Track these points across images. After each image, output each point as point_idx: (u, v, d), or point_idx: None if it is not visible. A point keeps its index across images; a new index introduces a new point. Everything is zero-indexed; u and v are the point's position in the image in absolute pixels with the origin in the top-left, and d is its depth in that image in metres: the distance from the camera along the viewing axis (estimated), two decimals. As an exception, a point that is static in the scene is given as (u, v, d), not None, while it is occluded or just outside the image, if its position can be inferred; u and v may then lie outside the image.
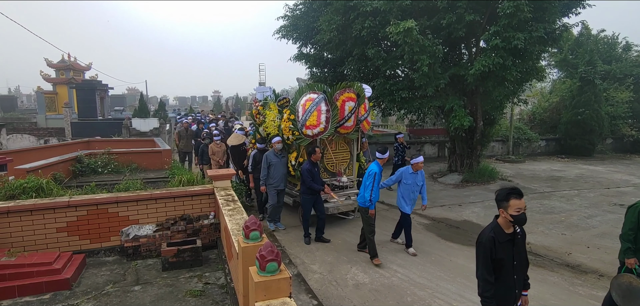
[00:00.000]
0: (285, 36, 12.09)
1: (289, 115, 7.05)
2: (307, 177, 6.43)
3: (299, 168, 7.03)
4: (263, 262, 2.81)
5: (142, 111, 20.64)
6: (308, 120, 6.74)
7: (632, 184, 11.81)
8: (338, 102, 6.94)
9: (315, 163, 6.62)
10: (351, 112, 6.99)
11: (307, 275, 5.63)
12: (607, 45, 20.62)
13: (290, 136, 7.02)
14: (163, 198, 6.16)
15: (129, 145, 13.40)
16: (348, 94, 7.00)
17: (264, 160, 7.12)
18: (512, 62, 8.55)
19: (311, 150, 6.57)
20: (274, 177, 7.12)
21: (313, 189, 6.49)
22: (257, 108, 8.33)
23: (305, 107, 6.82)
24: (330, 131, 6.91)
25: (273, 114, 7.60)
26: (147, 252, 5.90)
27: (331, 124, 6.87)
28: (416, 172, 6.22)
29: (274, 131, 7.51)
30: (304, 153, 7.12)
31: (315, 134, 6.82)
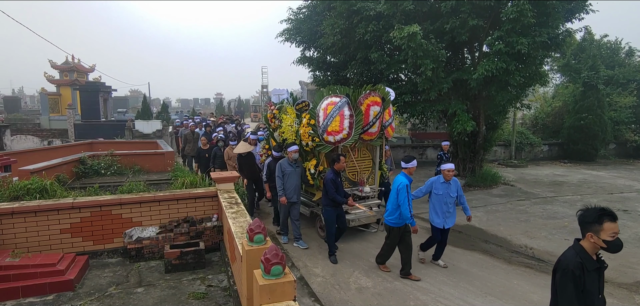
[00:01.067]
0: (288, 39, 12.14)
1: (309, 120, 6.55)
2: (331, 188, 5.89)
3: (319, 177, 6.68)
4: (268, 265, 2.82)
5: (145, 113, 20.71)
6: (330, 125, 6.26)
7: (635, 189, 11.77)
8: (362, 107, 6.45)
9: (338, 172, 6.12)
10: (376, 117, 6.53)
11: (310, 279, 5.63)
12: (610, 51, 20.61)
13: (310, 142, 6.55)
14: (166, 200, 6.17)
15: (131, 147, 13.45)
16: (373, 98, 6.51)
17: (277, 169, 6.64)
18: (515, 67, 8.56)
19: (335, 158, 6.05)
20: (287, 188, 6.61)
21: (336, 201, 5.95)
22: (272, 112, 7.76)
23: (326, 111, 6.32)
24: (354, 138, 6.42)
25: (290, 118, 7.09)
26: (150, 254, 5.91)
27: (355, 130, 6.39)
28: (448, 181, 5.65)
29: (291, 136, 7.02)
30: (324, 161, 6.70)
31: (338, 141, 6.36)
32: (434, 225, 5.78)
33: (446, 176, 5.61)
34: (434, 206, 5.75)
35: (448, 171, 5.61)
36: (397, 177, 5.39)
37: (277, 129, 7.64)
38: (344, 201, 5.98)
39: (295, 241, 6.88)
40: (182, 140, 12.58)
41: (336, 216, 6.14)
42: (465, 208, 5.83)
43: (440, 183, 5.68)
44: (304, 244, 6.78)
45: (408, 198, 5.19)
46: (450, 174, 5.61)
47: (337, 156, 6.05)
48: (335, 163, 6.02)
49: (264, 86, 31.38)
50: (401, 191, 5.20)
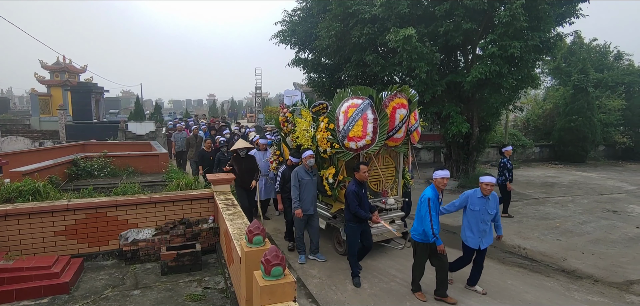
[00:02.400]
0: (283, 41, 12.15)
1: (327, 124, 5.92)
2: (353, 201, 5.19)
3: (337, 187, 6.06)
4: (268, 266, 2.84)
5: (138, 114, 20.56)
6: (351, 130, 5.60)
7: (624, 191, 11.99)
8: (388, 110, 5.81)
9: (362, 183, 5.39)
10: (402, 121, 5.93)
11: (307, 280, 5.65)
12: (599, 54, 20.98)
13: (328, 148, 5.90)
14: (162, 202, 6.15)
15: (125, 148, 13.36)
16: (399, 100, 5.88)
17: (293, 178, 5.97)
18: (508, 69, 8.69)
19: (355, 167, 5.37)
20: (304, 199, 5.97)
21: (359, 216, 5.22)
22: (284, 115, 7.06)
23: (347, 114, 5.66)
24: (379, 144, 5.75)
25: (305, 122, 6.43)
26: (146, 256, 5.88)
27: (379, 135, 5.71)
28: (487, 196, 4.90)
29: (307, 142, 6.36)
30: (343, 170, 6.04)
31: (360, 148, 5.66)
32: (468, 245, 5.05)
33: (485, 190, 4.85)
34: (469, 223, 5.02)
35: (486, 184, 4.84)
36: (425, 189, 4.86)
37: (289, 134, 7.06)
38: (368, 216, 5.24)
39: (312, 254, 6.33)
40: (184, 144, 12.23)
41: (360, 232, 5.46)
42: (498, 225, 5.18)
43: (478, 197, 4.93)
44: (322, 257, 6.28)
45: (431, 212, 4.63)
46: (490, 188, 4.85)
47: (356, 165, 5.34)
48: (356, 172, 5.31)
49: (257, 87, 31.34)
50: (423, 204, 4.71)
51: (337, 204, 6.35)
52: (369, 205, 5.48)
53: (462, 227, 5.17)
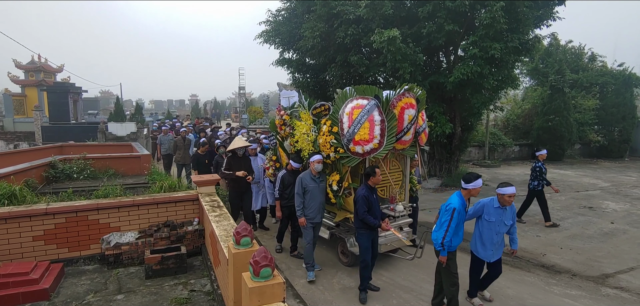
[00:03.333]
0: (267, 41, 12.10)
1: (330, 127, 5.52)
2: (362, 206, 4.83)
3: (342, 194, 5.66)
4: (257, 268, 2.84)
5: (119, 114, 20.09)
6: (357, 133, 5.21)
7: (599, 187, 12.42)
8: (396, 110, 5.42)
9: (373, 188, 5.05)
10: (411, 122, 5.56)
11: (294, 280, 5.66)
12: (575, 55, 21.67)
13: (332, 153, 5.47)
14: (146, 205, 6.05)
15: (105, 150, 13.05)
16: (408, 100, 5.50)
17: (298, 184, 5.58)
18: (489, 70, 8.89)
19: (369, 171, 4.98)
20: (310, 207, 5.55)
21: (368, 223, 4.88)
22: (281, 118, 6.55)
23: (352, 116, 5.28)
24: (388, 147, 5.37)
25: (305, 125, 5.95)
26: (129, 260, 5.76)
27: (387, 138, 5.33)
28: (504, 207, 4.56)
29: (307, 147, 5.92)
30: (348, 176, 5.65)
31: (367, 152, 5.27)
32: (478, 256, 4.75)
33: (506, 201, 4.48)
34: (481, 234, 4.67)
35: (509, 196, 4.47)
36: (452, 196, 4.46)
37: (287, 137, 6.57)
38: (377, 224, 4.91)
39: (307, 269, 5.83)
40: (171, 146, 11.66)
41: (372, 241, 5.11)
42: (513, 238, 4.83)
43: (494, 208, 4.57)
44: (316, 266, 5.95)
45: (450, 224, 4.27)
46: (511, 200, 4.51)
47: (371, 169, 4.97)
48: (370, 177, 4.95)
49: (241, 87, 31.08)
50: (446, 213, 4.34)
51: (341, 212, 5.96)
52: (379, 212, 5.10)
53: (473, 237, 4.82)
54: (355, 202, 4.98)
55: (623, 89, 19.42)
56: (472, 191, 4.40)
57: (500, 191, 4.52)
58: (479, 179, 4.39)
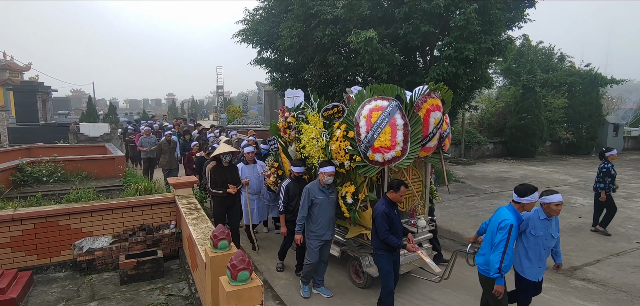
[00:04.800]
0: (245, 40, 11.99)
1: (345, 131, 4.89)
2: (383, 225, 4.19)
3: (357, 208, 5.01)
4: (234, 271, 2.82)
5: (91, 114, 19.45)
6: (377, 139, 4.61)
7: (568, 183, 12.94)
8: (421, 113, 4.79)
9: (395, 203, 4.40)
10: (437, 126, 4.96)
11: (274, 281, 5.64)
12: (545, 56, 22.48)
13: (347, 162, 4.86)
14: (120, 208, 5.90)
15: (77, 152, 12.63)
16: (433, 102, 4.88)
17: (305, 195, 4.92)
18: (463, 71, 9.10)
19: (392, 185, 4.31)
20: (318, 221, 4.90)
21: (390, 244, 4.24)
22: (286, 120, 5.82)
23: (370, 120, 4.68)
24: (412, 156, 4.73)
25: (315, 129, 5.23)
26: (103, 266, 5.61)
27: (411, 144, 4.72)
28: (550, 218, 3.93)
29: (317, 153, 5.23)
30: (364, 188, 4.96)
31: (388, 160, 4.65)
32: (526, 277, 4.02)
33: (553, 210, 3.84)
34: (527, 251, 3.98)
35: (557, 205, 3.82)
36: (502, 210, 3.83)
37: (292, 142, 5.87)
38: (400, 244, 4.25)
39: (316, 287, 5.30)
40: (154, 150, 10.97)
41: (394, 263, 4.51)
42: (557, 251, 4.24)
43: (540, 219, 3.93)
44: (328, 292, 5.25)
45: (508, 243, 3.63)
46: (560, 209, 3.88)
47: (396, 183, 4.27)
48: (391, 191, 4.29)
49: (219, 86, 30.65)
50: (502, 231, 3.66)
51: (355, 228, 5.25)
52: (402, 229, 4.52)
53: (517, 256, 4.12)
54: (374, 219, 4.30)
55: (590, 89, 20.28)
56: (526, 207, 3.76)
57: (546, 199, 3.82)
58: (534, 192, 3.72)
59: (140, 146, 11.48)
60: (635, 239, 7.46)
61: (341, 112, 5.04)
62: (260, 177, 6.82)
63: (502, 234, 3.65)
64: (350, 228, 5.34)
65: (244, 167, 6.75)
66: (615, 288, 5.53)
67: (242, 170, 6.63)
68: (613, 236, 7.64)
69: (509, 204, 3.85)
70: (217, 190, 5.84)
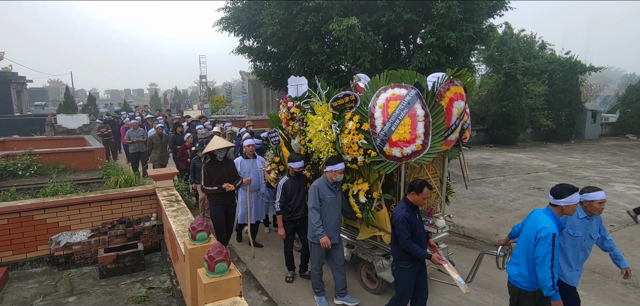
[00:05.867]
0: (226, 28, 11.76)
1: (358, 123, 4.43)
2: (404, 232, 3.70)
3: (370, 207, 4.55)
4: (212, 263, 2.79)
5: (69, 106, 18.89)
6: (395, 132, 4.17)
7: (547, 169, 13.25)
8: (443, 102, 4.32)
9: (416, 206, 3.87)
10: (460, 117, 4.50)
11: (257, 271, 5.63)
12: (527, 44, 22.82)
13: (360, 157, 4.40)
14: (98, 201, 5.78)
15: (54, 144, 12.28)
16: (456, 90, 4.41)
17: (313, 195, 4.44)
18: (445, 59, 9.16)
19: (414, 186, 3.78)
20: (325, 223, 4.48)
21: (413, 254, 3.72)
22: (288, 111, 5.24)
23: (387, 110, 4.24)
24: (435, 150, 4.23)
25: (323, 121, 4.70)
26: (82, 260, 5.51)
27: (432, 138, 4.23)
28: (591, 217, 3.51)
29: (325, 148, 4.69)
30: (377, 186, 4.50)
31: (408, 155, 4.18)
32: (564, 282, 3.55)
33: (596, 209, 3.43)
34: (565, 252, 3.57)
35: (600, 202, 3.41)
36: (539, 215, 3.37)
37: (296, 135, 5.37)
38: (425, 255, 3.73)
39: (340, 296, 4.73)
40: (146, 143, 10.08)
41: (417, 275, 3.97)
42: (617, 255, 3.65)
43: (579, 218, 3.54)
44: (353, 300, 4.70)
45: (554, 254, 3.20)
46: (602, 207, 3.47)
47: (419, 184, 3.76)
48: (413, 193, 3.78)
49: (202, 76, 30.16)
50: (543, 241, 3.21)
51: (368, 229, 4.80)
52: (425, 235, 4.02)
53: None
54: (394, 226, 3.81)
55: (570, 76, 20.71)
56: (565, 209, 3.28)
57: (588, 197, 3.43)
58: (574, 192, 3.24)
59: (128, 140, 10.75)
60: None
61: (354, 102, 4.56)
62: (259, 173, 6.35)
63: (545, 246, 3.20)
64: (362, 228, 4.91)
65: (243, 161, 6.25)
66: (589, 269, 5.71)
67: (241, 165, 6.17)
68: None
69: (547, 208, 3.38)
70: (212, 187, 5.34)
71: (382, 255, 4.88)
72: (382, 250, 4.90)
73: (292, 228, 5.16)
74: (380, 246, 4.91)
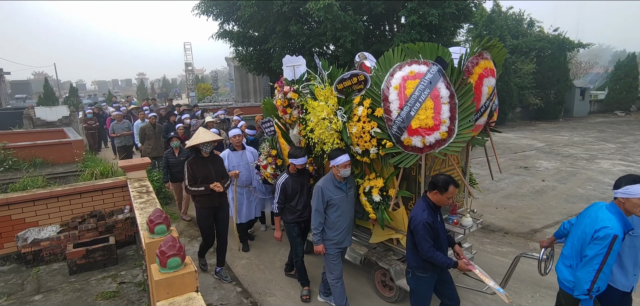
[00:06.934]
0: (204, 12, 11.33)
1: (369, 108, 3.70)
2: (426, 240, 3.13)
3: (386, 206, 3.89)
4: (164, 258, 2.62)
5: (49, 98, 18.39)
6: (415, 117, 3.45)
7: (534, 148, 13.21)
8: (472, 79, 3.60)
9: (438, 207, 3.27)
10: (490, 97, 3.81)
11: (234, 262, 5.49)
12: (515, 21, 22.60)
13: (373, 148, 3.72)
14: (67, 195, 5.56)
15: (32, 138, 11.93)
16: (486, 64, 3.70)
17: (317, 197, 3.82)
18: (428, 38, 8.95)
19: (437, 184, 3.15)
20: (338, 227, 3.89)
21: (437, 263, 3.16)
22: (285, 96, 4.46)
23: (404, 91, 3.52)
24: (463, 138, 3.45)
25: (327, 107, 3.92)
26: (51, 256, 5.32)
27: (459, 122, 3.49)
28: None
29: (330, 138, 3.94)
30: (394, 182, 3.85)
31: (430, 145, 3.46)
32: (615, 287, 3.02)
33: None
34: (621, 255, 2.98)
35: None
36: (600, 210, 2.88)
37: (294, 125, 4.64)
38: (451, 263, 3.17)
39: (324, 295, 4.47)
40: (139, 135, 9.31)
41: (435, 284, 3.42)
42: None
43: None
44: None
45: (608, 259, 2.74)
46: None
47: (442, 181, 3.13)
48: (435, 192, 3.18)
49: (188, 63, 29.56)
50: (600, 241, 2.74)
51: (382, 233, 4.25)
52: (447, 240, 3.40)
53: None
54: (414, 232, 3.20)
55: (558, 53, 20.61)
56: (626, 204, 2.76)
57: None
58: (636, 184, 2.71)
59: (113, 133, 10.15)
60: (594, 200, 7.67)
61: (363, 83, 3.79)
62: (250, 166, 5.71)
63: (600, 246, 2.73)
64: (375, 230, 4.37)
65: (231, 154, 5.61)
66: None
67: (229, 158, 5.54)
68: (573, 198, 7.83)
69: (611, 203, 2.86)
70: (198, 187, 4.54)
71: (399, 258, 4.33)
72: (398, 254, 4.36)
73: (298, 231, 4.44)
74: (396, 249, 4.34)
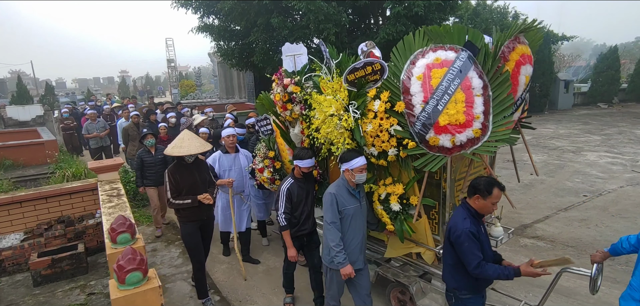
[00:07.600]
0: (183, 5, 10.86)
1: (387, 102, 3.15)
2: (474, 254, 2.59)
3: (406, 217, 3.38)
4: (122, 273, 2.32)
5: (22, 96, 17.61)
6: (443, 112, 2.93)
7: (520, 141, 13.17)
8: (509, 66, 3.07)
9: (480, 215, 2.74)
10: (527, 88, 3.35)
11: (214, 267, 5.19)
12: (500, 14, 22.63)
13: (392, 149, 3.22)
14: (30, 200, 5.18)
15: (2, 138, 11.36)
16: (523, 50, 3.19)
17: (329, 207, 3.19)
18: (414, 29, 8.75)
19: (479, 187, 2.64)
20: (348, 243, 3.26)
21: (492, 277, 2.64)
22: (284, 90, 3.83)
23: (430, 82, 3.01)
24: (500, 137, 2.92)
25: (335, 102, 3.31)
26: (14, 266, 4.93)
27: (494, 117, 2.97)
28: None
29: (340, 138, 3.34)
30: (415, 188, 3.38)
31: (461, 145, 2.93)
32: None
33: None
34: None
35: None
36: None
37: (295, 123, 4.09)
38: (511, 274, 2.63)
39: None
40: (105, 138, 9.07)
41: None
42: None
43: None
44: None
45: None
46: None
47: (484, 183, 2.63)
48: (477, 197, 2.66)
49: (170, 60, 28.84)
50: None
51: (400, 245, 3.62)
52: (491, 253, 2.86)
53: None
54: (456, 244, 2.67)
55: (542, 46, 20.69)
56: None
57: None
58: None
59: (86, 133, 9.37)
60: (583, 193, 7.60)
61: (379, 73, 3.19)
62: (245, 172, 5.06)
63: None
64: (391, 243, 3.76)
65: (222, 157, 4.94)
66: (563, 243, 5.52)
67: (219, 162, 4.90)
68: (562, 191, 7.74)
69: None
70: (183, 200, 3.91)
71: (419, 275, 3.72)
72: (418, 270, 3.77)
73: (298, 246, 3.90)
74: (415, 264, 3.78)
